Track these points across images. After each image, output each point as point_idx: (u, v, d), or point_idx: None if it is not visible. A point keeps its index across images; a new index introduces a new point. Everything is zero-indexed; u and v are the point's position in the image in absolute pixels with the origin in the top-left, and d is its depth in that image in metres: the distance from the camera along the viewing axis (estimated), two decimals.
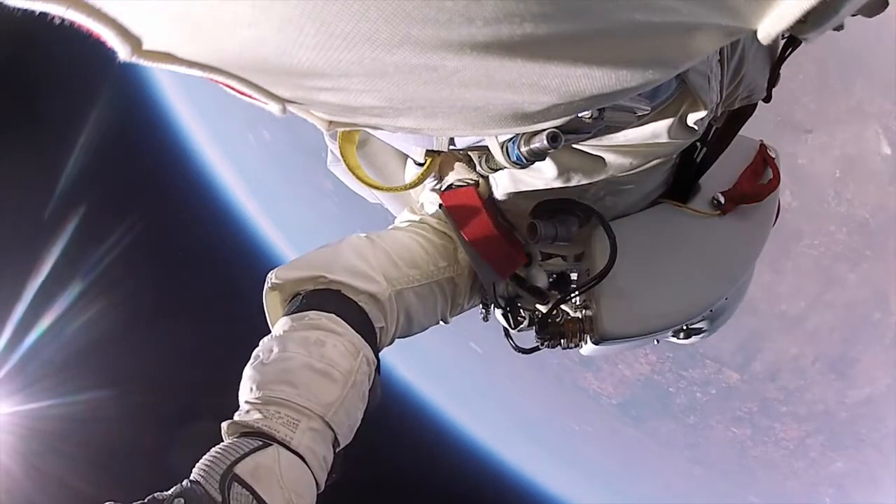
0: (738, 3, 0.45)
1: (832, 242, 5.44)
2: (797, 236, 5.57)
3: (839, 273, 5.58)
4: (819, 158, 5.13)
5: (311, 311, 1.10)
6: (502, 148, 1.00)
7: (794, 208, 5.40)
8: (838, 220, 5.31)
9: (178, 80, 10.48)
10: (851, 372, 6.17)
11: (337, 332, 1.07)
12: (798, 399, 6.67)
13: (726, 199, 1.45)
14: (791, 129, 5.04)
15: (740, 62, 1.22)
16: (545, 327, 1.43)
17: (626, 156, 1.19)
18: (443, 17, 0.45)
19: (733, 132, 1.43)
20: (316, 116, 0.68)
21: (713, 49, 0.56)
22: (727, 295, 1.46)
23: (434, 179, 1.41)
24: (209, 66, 0.55)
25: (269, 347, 1.04)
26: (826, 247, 5.49)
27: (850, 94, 4.72)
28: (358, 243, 1.29)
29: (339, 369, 1.02)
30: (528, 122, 0.66)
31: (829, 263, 5.55)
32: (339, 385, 1.01)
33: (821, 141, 5.05)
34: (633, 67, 0.55)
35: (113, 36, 0.48)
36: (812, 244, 5.54)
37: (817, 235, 5.48)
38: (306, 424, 0.95)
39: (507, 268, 1.44)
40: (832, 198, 5.23)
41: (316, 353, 1.02)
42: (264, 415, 0.94)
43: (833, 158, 5.09)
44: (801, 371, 6.48)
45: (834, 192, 5.20)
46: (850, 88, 4.69)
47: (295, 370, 0.99)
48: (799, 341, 6.28)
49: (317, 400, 0.97)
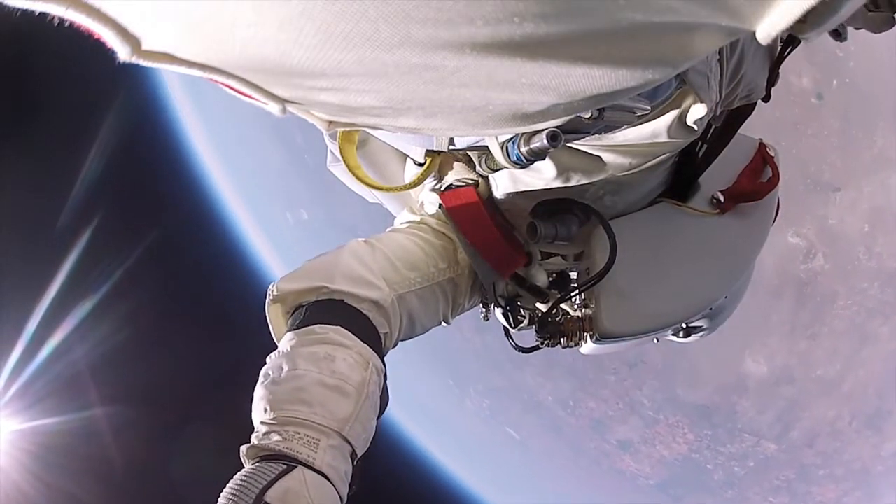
0: (738, 4, 0.45)
1: (865, 299, 5.42)
2: (832, 299, 5.56)
3: (873, 328, 5.56)
4: (848, 216, 5.15)
5: (317, 326, 1.09)
6: (502, 148, 1.00)
7: (828, 271, 5.41)
8: (870, 275, 5.30)
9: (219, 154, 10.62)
10: (886, 425, 6.14)
11: (345, 346, 1.07)
12: (835, 461, 6.61)
13: (726, 198, 1.45)
14: (820, 191, 5.08)
15: (740, 62, 1.22)
16: (545, 326, 1.43)
17: (625, 155, 1.19)
18: (443, 17, 0.45)
19: (733, 131, 1.43)
20: (316, 116, 0.68)
21: (713, 49, 0.56)
22: (727, 293, 1.46)
23: (434, 179, 1.41)
24: (209, 66, 0.55)
25: (279, 365, 1.03)
26: (859, 304, 5.47)
27: (873, 143, 4.72)
28: (358, 249, 1.29)
29: (351, 383, 1.02)
30: (528, 122, 0.66)
31: (863, 321, 5.54)
32: (353, 399, 1.01)
33: (849, 197, 5.08)
34: (633, 67, 0.55)
35: (113, 36, 0.48)
36: (846, 304, 5.52)
37: (851, 295, 5.46)
38: (326, 442, 0.95)
39: (507, 267, 1.44)
40: (863, 254, 5.23)
41: (326, 368, 1.02)
42: (284, 436, 0.94)
43: (862, 213, 5.10)
44: (837, 433, 6.44)
45: (864, 247, 5.20)
46: (873, 136, 4.70)
47: (308, 388, 0.99)
48: (836, 403, 6.25)
49: (332, 416, 0.97)
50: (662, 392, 7.45)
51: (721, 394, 6.94)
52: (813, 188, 5.06)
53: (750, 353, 6.46)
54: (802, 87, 4.74)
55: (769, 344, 6.28)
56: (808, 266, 5.52)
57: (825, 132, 4.84)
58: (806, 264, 5.52)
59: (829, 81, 4.69)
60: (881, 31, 1.29)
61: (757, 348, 6.39)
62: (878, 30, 1.29)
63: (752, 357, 6.47)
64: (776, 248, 5.52)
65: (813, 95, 4.75)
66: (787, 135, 4.89)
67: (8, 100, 6.61)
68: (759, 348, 6.38)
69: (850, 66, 4.55)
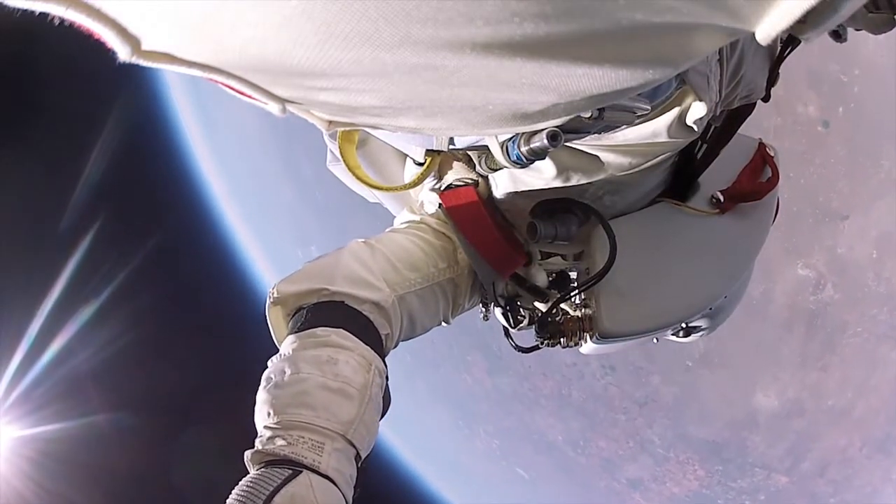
0: (738, 4, 0.45)
1: (874, 325, 5.39)
2: (842, 329, 5.53)
3: (882, 354, 5.53)
4: (857, 243, 5.11)
5: (319, 328, 1.09)
6: (502, 147, 1.00)
7: (837, 301, 5.37)
8: (879, 301, 5.27)
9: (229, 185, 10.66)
10: None
11: (347, 348, 1.07)
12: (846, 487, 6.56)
13: (725, 198, 1.45)
14: (829, 221, 5.04)
15: (739, 62, 1.22)
16: (545, 326, 1.43)
17: (625, 155, 1.19)
18: (443, 16, 0.45)
19: (732, 131, 1.43)
20: (316, 116, 0.68)
21: (713, 49, 0.56)
22: (727, 293, 1.46)
23: (433, 179, 1.41)
24: (209, 66, 0.55)
25: (281, 369, 1.03)
26: (869, 331, 5.44)
27: (880, 167, 4.70)
28: (358, 250, 1.29)
29: (354, 385, 1.02)
30: (528, 122, 0.66)
31: (873, 347, 5.51)
32: (356, 401, 1.01)
33: (857, 224, 5.04)
34: (634, 67, 0.55)
35: (113, 36, 0.48)
36: (856, 332, 5.50)
37: (861, 322, 5.43)
38: (331, 446, 0.95)
39: (507, 267, 1.44)
40: (872, 280, 5.19)
41: (329, 371, 1.01)
42: (288, 441, 0.93)
43: (870, 239, 5.07)
44: (848, 460, 6.39)
45: (873, 273, 5.17)
46: (879, 160, 4.67)
47: (311, 391, 0.98)
48: (847, 431, 6.21)
49: (336, 419, 0.97)
50: (673, 429, 7.41)
51: (731, 429, 6.91)
52: (821, 219, 5.04)
53: (761, 388, 6.44)
54: (809, 116, 4.72)
55: (780, 378, 6.27)
56: (817, 297, 5.50)
57: (832, 160, 4.82)
58: (816, 295, 5.50)
59: (835, 109, 4.67)
60: (881, 32, 1.29)
61: (768, 382, 6.38)
62: (879, 31, 1.29)
63: (762, 391, 6.45)
64: (786, 281, 5.54)
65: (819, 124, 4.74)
66: (795, 166, 4.88)
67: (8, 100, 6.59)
68: (770, 382, 6.37)
69: (855, 92, 4.52)
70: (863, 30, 1.38)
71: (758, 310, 5.71)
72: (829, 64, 4.47)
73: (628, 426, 7.78)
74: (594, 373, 7.65)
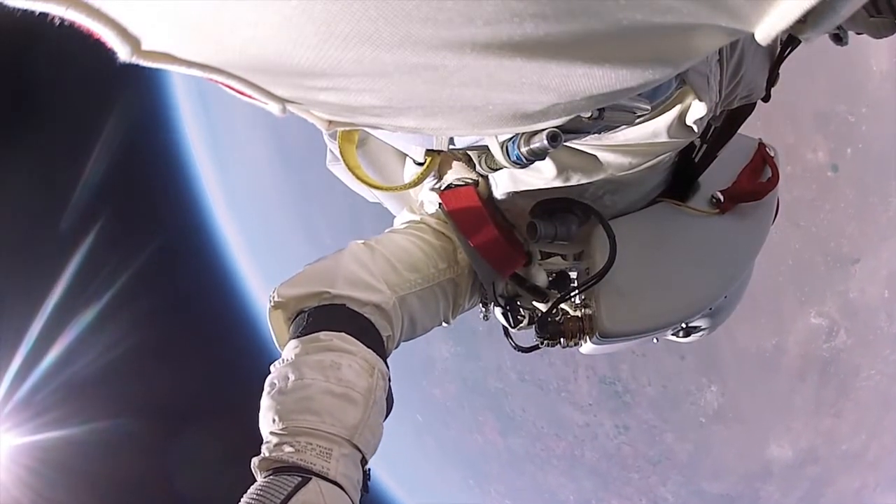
0: (738, 4, 0.45)
1: (887, 366, 5.36)
2: (855, 373, 5.49)
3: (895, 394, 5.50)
4: (868, 285, 5.08)
5: (322, 332, 1.09)
6: (502, 147, 1.00)
7: (850, 346, 5.33)
8: (891, 341, 5.24)
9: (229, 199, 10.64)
10: None
11: (350, 352, 1.07)
12: None
13: (725, 198, 1.45)
14: (840, 266, 5.02)
15: (739, 62, 1.22)
16: (545, 326, 1.43)
17: (625, 155, 1.19)
18: (443, 16, 0.45)
19: (732, 131, 1.43)
20: (316, 116, 0.68)
21: (713, 49, 0.56)
22: (727, 293, 1.46)
23: (433, 179, 1.41)
24: (209, 66, 0.55)
25: (285, 374, 1.02)
26: (882, 373, 5.41)
27: (889, 205, 4.67)
28: (357, 251, 1.29)
29: (358, 390, 1.02)
30: (529, 122, 0.66)
31: (886, 388, 5.47)
32: (361, 406, 1.01)
33: (869, 266, 5.01)
34: (634, 67, 0.55)
35: (113, 36, 0.48)
36: (869, 374, 5.46)
37: (874, 364, 5.41)
38: (338, 452, 0.95)
39: (507, 267, 1.44)
40: (884, 321, 5.16)
41: (333, 376, 1.01)
42: (296, 447, 0.93)
43: (881, 280, 5.03)
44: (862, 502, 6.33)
45: (885, 314, 5.13)
46: (888, 199, 4.65)
47: (315, 397, 0.98)
48: (861, 474, 6.14)
49: (342, 424, 0.97)
50: (686, 486, 7.34)
51: (745, 482, 6.83)
52: (833, 265, 5.02)
53: (774, 439, 6.39)
54: (818, 161, 4.70)
55: (793, 427, 6.22)
56: (830, 344, 5.46)
57: (842, 204, 4.80)
58: (829, 343, 5.46)
59: (843, 150, 4.65)
60: (882, 36, 1.28)
61: (781, 433, 6.34)
62: (880, 35, 1.28)
63: (776, 442, 6.40)
64: (799, 332, 5.51)
65: (829, 169, 4.71)
66: (806, 214, 4.88)
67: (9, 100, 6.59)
68: (783, 433, 6.33)
69: (862, 131, 4.49)
70: (864, 33, 1.38)
71: (771, 362, 5.70)
72: (837, 105, 4.44)
73: (642, 484, 7.69)
74: (607, 432, 7.58)
